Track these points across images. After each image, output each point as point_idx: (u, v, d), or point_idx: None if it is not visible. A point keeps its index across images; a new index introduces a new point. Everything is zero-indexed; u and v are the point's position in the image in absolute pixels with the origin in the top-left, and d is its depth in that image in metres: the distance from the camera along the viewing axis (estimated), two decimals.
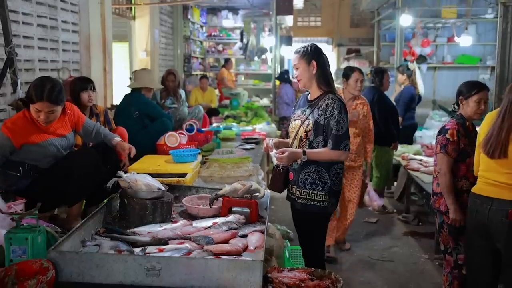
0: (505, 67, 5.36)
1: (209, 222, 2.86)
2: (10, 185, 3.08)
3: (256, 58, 11.76)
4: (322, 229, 3.19)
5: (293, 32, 15.80)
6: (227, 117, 8.33)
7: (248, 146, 5.64)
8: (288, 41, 13.24)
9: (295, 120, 3.19)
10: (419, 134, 8.61)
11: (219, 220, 2.88)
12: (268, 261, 3.18)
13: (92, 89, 4.16)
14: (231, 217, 2.91)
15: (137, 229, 2.72)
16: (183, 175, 3.82)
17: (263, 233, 2.72)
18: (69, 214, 3.24)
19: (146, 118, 5.18)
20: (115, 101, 6.11)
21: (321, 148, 3.03)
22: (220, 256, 2.38)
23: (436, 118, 9.69)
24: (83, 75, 5.06)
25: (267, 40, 11.85)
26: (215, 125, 7.07)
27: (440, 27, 11.07)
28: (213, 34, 12.12)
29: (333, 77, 3.22)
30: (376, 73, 6.13)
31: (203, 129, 5.81)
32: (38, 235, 2.37)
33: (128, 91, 5.36)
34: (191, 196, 3.29)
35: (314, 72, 3.08)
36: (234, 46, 12.09)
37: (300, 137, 3.10)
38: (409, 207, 6.31)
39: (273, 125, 8.02)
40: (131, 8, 8.19)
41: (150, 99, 6.10)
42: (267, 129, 7.12)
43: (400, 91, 7.33)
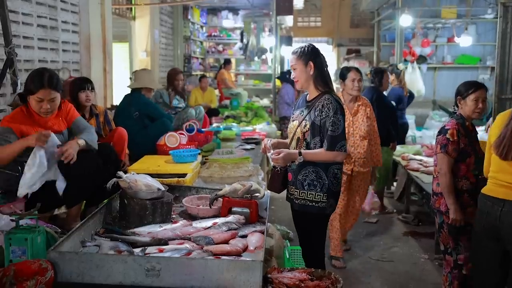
0: (504, 68, 5.34)
1: (209, 223, 2.86)
2: (10, 185, 3.08)
3: (256, 58, 11.77)
4: (321, 230, 3.19)
5: (293, 32, 15.81)
6: (227, 117, 8.33)
7: (248, 147, 5.64)
8: (288, 41, 13.24)
9: (293, 120, 3.19)
10: (419, 134, 8.61)
11: (219, 220, 2.88)
12: (268, 261, 3.18)
13: (90, 89, 4.16)
14: (231, 218, 2.91)
15: (137, 230, 2.71)
16: (183, 175, 3.82)
17: (263, 233, 2.72)
18: (68, 215, 3.24)
19: (146, 118, 5.18)
20: (115, 102, 6.11)
21: (318, 148, 3.02)
22: (220, 257, 2.38)
23: (436, 118, 9.70)
24: (83, 76, 5.07)
25: (267, 40, 11.86)
26: (215, 125, 7.07)
27: (440, 27, 11.08)
28: (213, 34, 12.13)
29: (333, 77, 3.22)
30: (376, 73, 6.14)
31: (203, 129, 5.82)
32: (38, 235, 2.37)
33: (128, 91, 5.36)
34: (191, 197, 3.29)
35: (311, 73, 3.08)
36: (234, 46, 12.10)
37: (298, 137, 3.10)
38: (409, 207, 6.31)
39: (273, 125, 8.02)
40: (131, 9, 8.20)
41: (156, 99, 6.13)
42: (267, 129, 7.12)
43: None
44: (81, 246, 2.45)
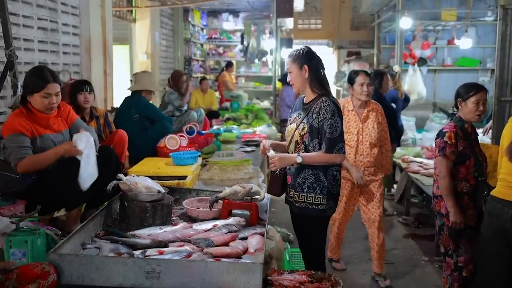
0: (504, 70, 5.35)
1: (209, 225, 2.86)
2: (10, 186, 3.08)
3: (256, 61, 11.77)
4: (321, 232, 3.18)
5: (293, 35, 15.85)
6: (228, 119, 8.34)
7: (249, 149, 5.65)
8: (289, 43, 13.26)
9: (291, 123, 3.19)
10: (419, 137, 8.62)
11: (219, 222, 2.88)
12: (268, 263, 3.17)
13: (88, 90, 4.17)
14: (231, 220, 2.91)
15: (137, 232, 2.71)
16: (183, 177, 3.82)
17: (263, 235, 2.72)
18: (68, 217, 3.24)
19: (146, 120, 5.19)
20: (116, 104, 6.12)
21: (316, 151, 3.02)
22: (220, 259, 2.38)
23: (437, 120, 9.70)
24: (83, 78, 5.08)
25: (268, 43, 11.86)
26: (215, 127, 7.08)
27: (440, 29, 11.08)
28: (213, 36, 12.14)
29: (333, 79, 3.23)
30: (376, 75, 6.13)
31: (203, 131, 5.82)
32: (38, 237, 2.37)
33: (129, 93, 5.37)
34: (191, 199, 3.29)
35: (306, 76, 3.06)
36: (235, 48, 12.11)
37: (296, 140, 3.10)
38: (409, 209, 6.31)
39: (274, 127, 8.04)
40: (131, 11, 8.21)
41: (165, 102, 6.17)
42: (267, 131, 7.13)
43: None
44: (81, 249, 2.45)
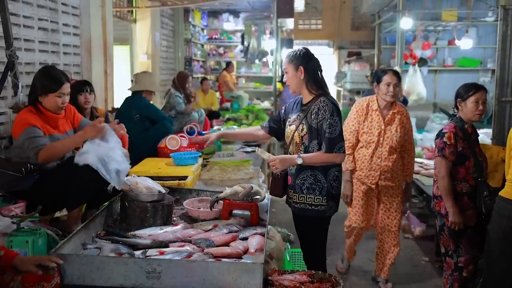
0: (505, 70, 5.34)
1: (209, 225, 2.86)
2: (13, 185, 3.08)
3: (257, 61, 11.77)
4: (322, 233, 3.18)
5: (294, 35, 15.83)
6: (228, 120, 8.33)
7: (249, 149, 5.64)
8: (289, 44, 13.25)
9: (290, 125, 3.18)
10: (419, 137, 8.60)
11: (220, 222, 2.89)
12: (269, 263, 3.17)
13: (88, 91, 4.19)
14: (231, 220, 2.92)
15: (137, 232, 2.72)
16: (184, 177, 3.82)
17: (263, 235, 2.72)
18: (69, 217, 3.24)
19: (147, 121, 5.20)
20: (116, 104, 6.12)
21: (316, 152, 3.02)
22: (221, 259, 2.39)
23: (437, 120, 9.69)
24: (84, 78, 5.08)
25: (268, 43, 11.86)
26: (216, 127, 7.08)
27: (440, 30, 11.07)
28: (214, 37, 12.13)
29: (334, 80, 3.22)
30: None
31: (204, 132, 5.82)
32: (39, 237, 2.38)
33: (129, 94, 5.38)
34: (191, 199, 3.30)
35: (301, 77, 3.06)
36: (235, 49, 12.10)
37: (296, 142, 3.10)
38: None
39: None
40: (132, 11, 8.22)
41: (170, 104, 6.17)
42: None
43: None
44: (82, 249, 2.46)
